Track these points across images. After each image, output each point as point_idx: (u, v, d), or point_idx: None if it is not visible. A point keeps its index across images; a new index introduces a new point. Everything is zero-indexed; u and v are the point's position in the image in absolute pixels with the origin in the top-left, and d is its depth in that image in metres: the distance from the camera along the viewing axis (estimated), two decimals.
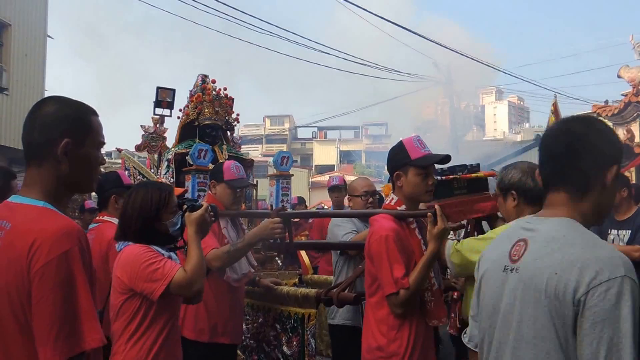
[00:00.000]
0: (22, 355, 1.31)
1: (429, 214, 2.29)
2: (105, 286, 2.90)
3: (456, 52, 16.43)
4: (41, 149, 1.43)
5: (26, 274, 1.29)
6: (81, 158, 1.46)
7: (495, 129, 61.45)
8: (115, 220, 3.06)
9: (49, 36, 15.52)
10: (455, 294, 3.54)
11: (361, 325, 3.22)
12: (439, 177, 2.55)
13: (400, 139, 2.45)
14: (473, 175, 2.60)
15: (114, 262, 2.17)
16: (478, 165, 2.67)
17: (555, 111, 5.23)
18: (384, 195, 3.78)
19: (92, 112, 1.53)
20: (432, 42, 14.64)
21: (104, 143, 1.56)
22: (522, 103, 70.42)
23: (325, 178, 34.21)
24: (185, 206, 2.28)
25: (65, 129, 1.43)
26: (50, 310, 1.27)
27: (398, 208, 2.38)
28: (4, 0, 13.30)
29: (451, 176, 2.58)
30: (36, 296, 1.28)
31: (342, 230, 3.43)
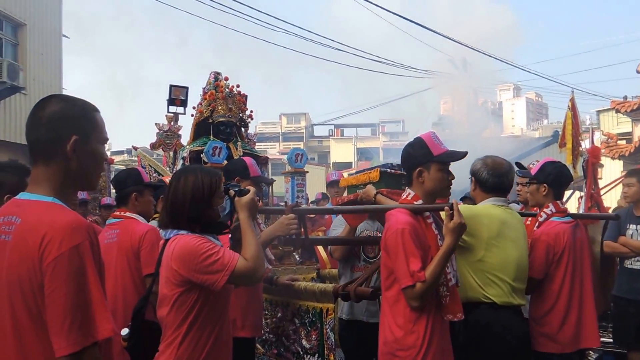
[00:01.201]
0: (36, 345, 1.34)
1: (446, 208, 2.29)
2: (139, 280, 2.93)
3: (473, 48, 16.22)
4: (50, 147, 1.46)
5: (38, 267, 1.32)
6: (88, 154, 1.50)
7: (514, 126, 60.81)
8: (138, 217, 3.09)
9: (64, 35, 15.73)
10: None
11: (360, 319, 3.26)
12: (388, 170, 2.83)
13: (418, 135, 2.47)
14: None
15: (167, 252, 2.09)
16: None
17: (573, 107, 5.12)
18: None
19: (95, 109, 1.56)
20: (448, 38, 14.46)
21: (107, 139, 1.59)
22: (540, 99, 69.55)
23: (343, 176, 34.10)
24: (231, 191, 2.24)
25: (73, 127, 1.47)
26: (62, 301, 1.30)
27: (414, 203, 2.37)
28: (19, 0, 13.49)
29: (399, 172, 2.86)
30: (49, 288, 1.31)
31: (336, 234, 3.45)
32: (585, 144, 6.14)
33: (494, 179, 2.75)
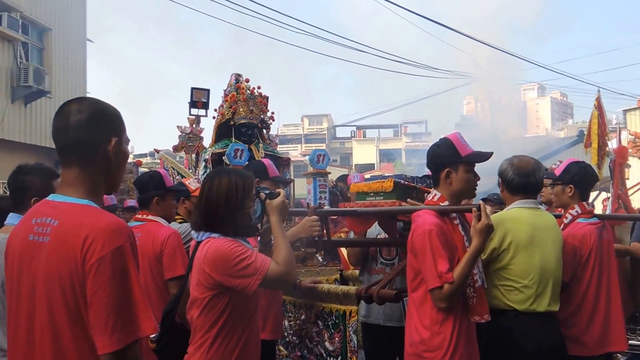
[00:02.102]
0: (72, 343, 1.38)
1: (473, 209, 2.28)
2: (161, 284, 2.96)
3: (497, 48, 16.02)
4: (89, 149, 1.48)
5: (80, 267, 1.35)
6: (121, 155, 1.54)
7: (538, 126, 59.77)
8: (161, 220, 3.12)
9: (88, 39, 16.02)
10: None
11: (376, 322, 3.24)
12: (402, 181, 2.76)
13: (443, 136, 2.49)
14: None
15: (199, 255, 2.09)
16: None
17: (599, 107, 5.03)
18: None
19: (120, 113, 1.59)
20: (472, 38, 14.31)
21: (128, 140, 1.61)
22: (565, 99, 68.25)
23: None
24: (262, 194, 2.24)
25: (113, 128, 1.51)
26: (106, 301, 1.34)
27: (441, 204, 2.37)
28: (44, 6, 13.82)
29: (412, 184, 2.80)
30: (92, 288, 1.35)
31: None
32: (612, 144, 6.00)
33: (521, 179, 2.66)
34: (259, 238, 2.35)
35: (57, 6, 14.29)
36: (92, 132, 1.47)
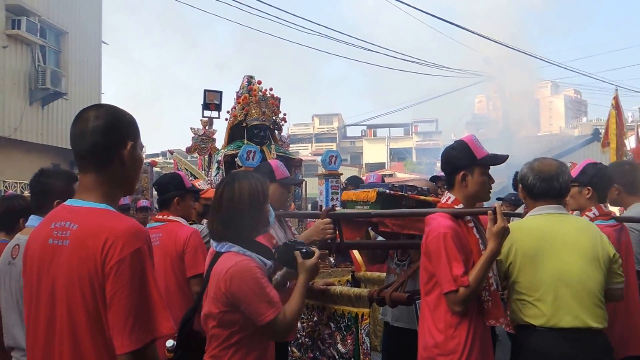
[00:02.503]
0: (90, 344, 1.41)
1: (489, 212, 2.25)
2: (183, 282, 2.99)
3: (508, 46, 15.87)
4: (106, 153, 1.51)
5: (100, 270, 1.39)
6: (136, 159, 1.58)
7: (551, 124, 59.10)
8: (181, 220, 3.16)
9: (103, 42, 16.20)
10: None
11: (387, 320, 3.21)
12: (387, 191, 2.69)
13: (454, 135, 2.46)
14: (422, 197, 2.78)
15: (219, 268, 2.04)
16: (428, 190, 2.91)
17: (617, 106, 4.95)
18: None
19: (135, 119, 1.63)
20: (483, 37, 14.20)
21: (142, 146, 1.64)
22: (579, 96, 67.43)
23: None
24: (298, 252, 2.21)
25: (128, 133, 1.55)
26: (125, 302, 1.37)
27: (455, 207, 2.36)
28: (61, 9, 14.01)
29: (399, 193, 2.73)
30: (111, 290, 1.38)
31: None
32: (630, 143, 5.92)
33: (542, 183, 2.45)
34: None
35: (73, 10, 14.49)
36: (108, 138, 1.50)
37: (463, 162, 2.35)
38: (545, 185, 2.45)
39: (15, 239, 2.44)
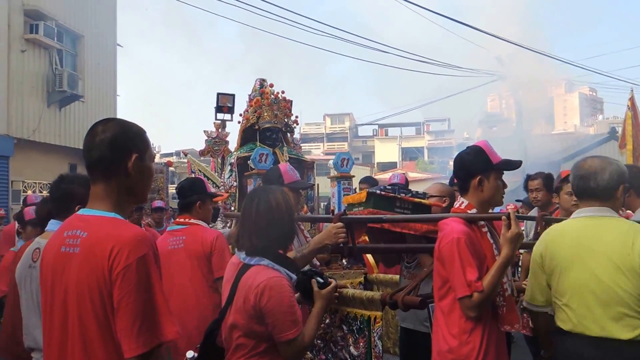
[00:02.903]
0: (100, 349, 1.46)
1: (503, 217, 2.25)
2: (212, 283, 3.05)
3: (521, 46, 15.73)
4: (112, 165, 1.58)
5: (107, 276, 1.44)
6: (143, 170, 1.64)
7: (566, 122, 58.37)
8: (203, 223, 3.24)
9: (118, 44, 16.40)
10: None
11: (417, 329, 3.21)
12: (377, 192, 2.76)
13: (473, 141, 2.49)
14: (417, 199, 2.85)
15: (249, 281, 2.05)
16: (424, 194, 3.01)
17: (633, 106, 4.89)
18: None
19: (145, 131, 1.70)
20: (495, 36, 14.09)
21: (154, 156, 1.69)
22: (594, 94, 66.47)
23: (387, 176, 33.89)
24: (315, 281, 2.30)
25: (133, 146, 1.61)
26: (132, 307, 1.42)
27: (468, 212, 2.35)
28: (77, 14, 14.22)
29: (391, 194, 2.79)
30: (118, 295, 1.43)
31: None
32: None
33: (580, 182, 2.34)
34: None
35: (89, 14, 14.72)
36: (112, 150, 1.57)
37: (479, 167, 2.35)
38: (582, 184, 2.34)
39: (35, 242, 2.51)
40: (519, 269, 4.77)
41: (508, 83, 22.89)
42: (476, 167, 2.36)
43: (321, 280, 2.28)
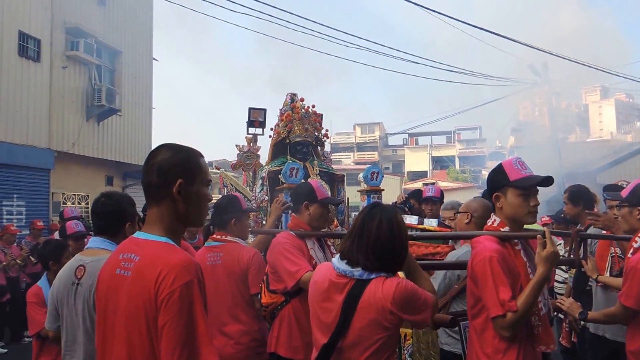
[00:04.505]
0: None
1: (538, 236, 2.23)
2: (249, 299, 3.16)
3: (552, 54, 15.43)
4: (160, 190, 1.62)
5: (154, 301, 1.46)
6: (193, 195, 1.64)
7: (602, 129, 56.68)
8: (239, 240, 3.32)
9: (154, 59, 16.85)
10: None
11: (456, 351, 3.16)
12: None
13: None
14: (421, 226, 2.92)
15: (376, 294, 2.03)
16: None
17: None
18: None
19: (199, 155, 1.71)
20: (526, 45, 13.88)
21: (210, 181, 1.73)
22: (631, 100, 64.38)
23: (418, 185, 33.60)
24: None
25: (179, 171, 1.62)
26: (173, 334, 1.43)
27: (501, 229, 2.32)
28: (116, 30, 14.75)
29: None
30: (162, 321, 1.45)
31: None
32: None
33: None
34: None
35: (126, 30, 15.21)
36: (159, 175, 1.61)
37: (497, 183, 2.34)
38: None
39: (77, 260, 2.53)
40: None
41: (541, 90, 22.42)
42: (494, 184, 2.35)
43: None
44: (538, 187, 2.31)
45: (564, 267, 5.02)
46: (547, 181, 2.30)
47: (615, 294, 3.12)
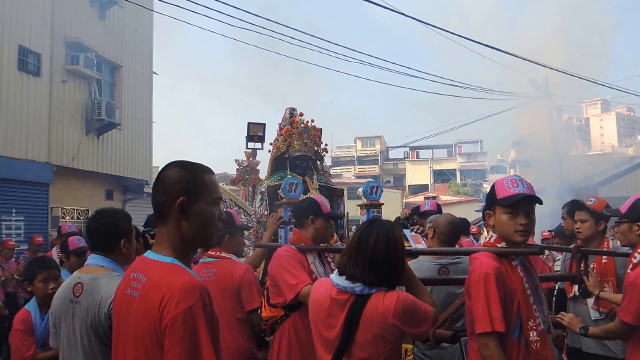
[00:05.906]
0: None
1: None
2: (241, 315, 3.15)
3: (554, 69, 15.48)
4: (164, 209, 1.58)
5: (158, 324, 1.43)
6: (197, 214, 1.57)
7: (603, 142, 56.81)
8: (233, 256, 3.31)
9: (154, 72, 16.93)
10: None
11: None
12: None
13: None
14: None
15: (378, 309, 2.05)
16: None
17: None
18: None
19: (206, 172, 1.64)
20: (527, 60, 13.96)
21: (220, 198, 1.66)
22: (632, 114, 64.61)
23: (419, 199, 33.56)
24: None
25: (181, 189, 1.56)
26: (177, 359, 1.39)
27: (498, 245, 2.32)
28: (116, 45, 14.82)
29: None
30: (166, 345, 1.41)
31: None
32: None
33: None
34: None
35: (127, 45, 15.30)
36: (162, 194, 1.59)
37: (488, 201, 2.38)
38: None
39: (75, 277, 2.47)
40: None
41: (542, 105, 22.50)
42: (487, 201, 2.40)
43: None
44: (535, 205, 2.28)
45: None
46: (531, 199, 2.25)
47: (584, 307, 3.30)
